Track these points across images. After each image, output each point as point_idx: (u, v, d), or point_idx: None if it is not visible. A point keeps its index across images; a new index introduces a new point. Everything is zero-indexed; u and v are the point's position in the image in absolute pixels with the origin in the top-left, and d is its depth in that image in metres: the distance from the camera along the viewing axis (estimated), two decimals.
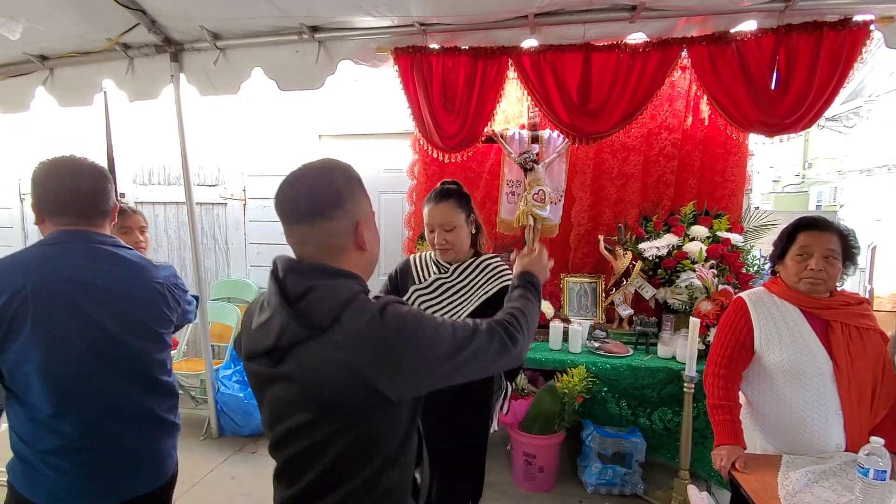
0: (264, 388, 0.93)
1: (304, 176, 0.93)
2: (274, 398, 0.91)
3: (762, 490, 1.37)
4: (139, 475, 1.33)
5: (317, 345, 0.84)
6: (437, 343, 0.86)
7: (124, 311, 1.28)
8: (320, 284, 0.86)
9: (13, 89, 3.07)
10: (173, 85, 2.77)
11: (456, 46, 2.57)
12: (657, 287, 2.85)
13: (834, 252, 1.56)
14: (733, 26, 2.31)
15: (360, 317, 0.84)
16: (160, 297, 1.36)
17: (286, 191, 0.93)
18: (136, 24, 2.55)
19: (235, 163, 3.88)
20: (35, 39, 2.67)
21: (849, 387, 1.52)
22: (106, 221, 1.34)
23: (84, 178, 1.28)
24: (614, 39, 2.44)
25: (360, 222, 0.93)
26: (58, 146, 4.09)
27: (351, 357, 0.82)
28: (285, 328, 0.85)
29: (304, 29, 2.51)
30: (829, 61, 2.22)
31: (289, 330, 0.84)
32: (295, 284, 0.86)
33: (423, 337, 0.86)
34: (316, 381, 0.85)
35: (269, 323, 0.88)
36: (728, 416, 1.64)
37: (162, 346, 1.40)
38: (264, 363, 0.89)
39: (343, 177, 0.94)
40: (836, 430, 1.51)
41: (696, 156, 2.98)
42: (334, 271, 0.90)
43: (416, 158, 3.25)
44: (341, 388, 0.83)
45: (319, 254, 0.91)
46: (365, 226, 0.94)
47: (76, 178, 1.27)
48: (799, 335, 1.59)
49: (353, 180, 0.95)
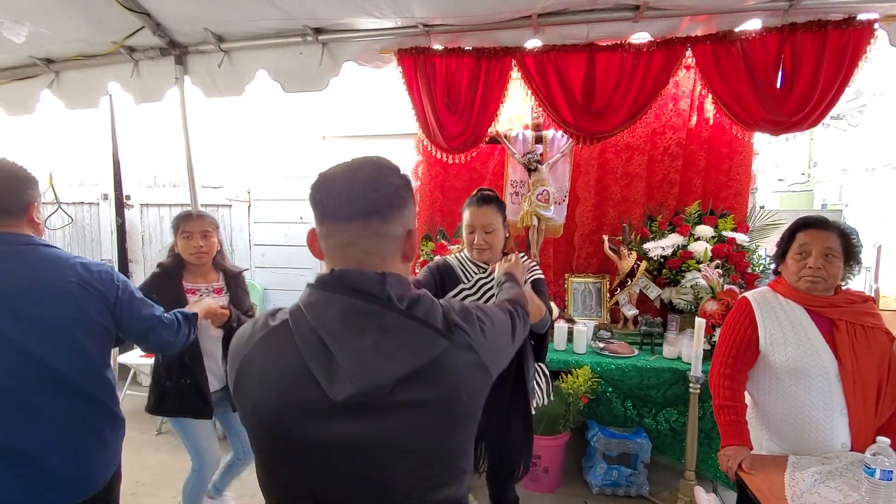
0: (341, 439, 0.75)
1: (357, 170, 0.81)
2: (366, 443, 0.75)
3: (769, 491, 1.37)
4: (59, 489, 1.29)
5: (452, 352, 0.78)
6: (505, 324, 0.97)
7: (27, 315, 1.22)
8: (416, 294, 0.81)
9: (19, 92, 3.09)
10: (178, 87, 2.78)
11: (459, 47, 2.58)
12: (662, 287, 2.85)
13: (833, 250, 1.56)
14: (737, 25, 2.31)
15: (461, 314, 0.84)
16: (77, 299, 1.28)
17: (337, 182, 0.80)
18: (140, 28, 2.56)
19: (240, 165, 3.89)
20: (41, 43, 2.69)
21: (854, 386, 1.51)
22: (12, 221, 1.30)
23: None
24: (618, 39, 2.43)
25: (412, 230, 0.85)
26: (61, 148, 4.13)
27: (479, 354, 0.82)
28: (430, 342, 0.76)
29: (308, 31, 2.52)
30: (833, 60, 2.21)
31: (436, 343, 0.77)
32: (401, 297, 0.77)
33: (500, 321, 0.95)
34: (455, 388, 0.78)
35: (389, 345, 0.74)
36: (734, 416, 1.64)
37: (87, 354, 1.32)
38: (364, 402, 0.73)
39: (399, 178, 0.84)
40: (841, 430, 1.51)
41: (701, 155, 2.97)
42: (408, 282, 0.83)
43: (420, 159, 3.25)
44: (474, 387, 0.81)
45: (365, 259, 0.79)
46: (414, 235, 0.87)
47: None
48: (804, 334, 1.58)
49: (408, 183, 0.86)
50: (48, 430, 1.27)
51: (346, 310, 0.75)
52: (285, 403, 0.76)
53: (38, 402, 1.25)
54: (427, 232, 3.20)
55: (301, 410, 0.75)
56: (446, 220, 3.25)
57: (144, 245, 4.21)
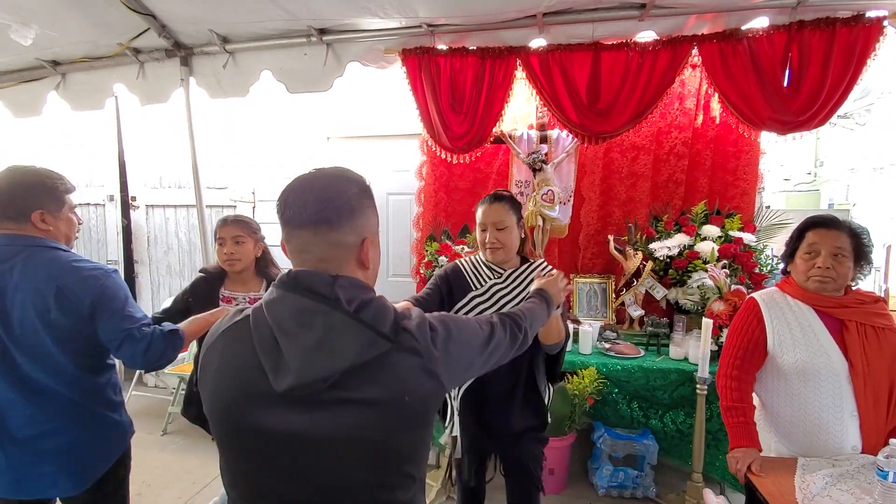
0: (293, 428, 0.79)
1: (315, 180, 0.87)
2: (314, 435, 0.80)
3: (779, 494, 1.35)
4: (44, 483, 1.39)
5: (395, 354, 0.82)
6: (475, 336, 0.98)
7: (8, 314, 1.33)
8: (370, 298, 0.84)
9: (26, 94, 3.11)
10: (183, 89, 2.79)
11: (464, 47, 2.57)
12: (668, 287, 2.83)
13: (842, 250, 1.54)
14: (744, 23, 2.29)
15: (417, 322, 0.87)
16: (52, 302, 1.34)
17: (292, 193, 0.86)
18: (146, 29, 2.57)
19: (244, 166, 3.90)
20: (47, 45, 2.70)
21: (865, 388, 1.49)
22: (14, 225, 1.42)
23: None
24: (623, 38, 2.42)
25: (366, 239, 0.89)
26: (62, 149, 4.14)
27: (428, 358, 0.84)
28: (369, 342, 0.80)
29: (312, 31, 2.52)
30: (842, 58, 2.18)
31: (375, 344, 0.80)
32: (350, 300, 0.81)
33: (467, 332, 0.96)
34: (397, 390, 0.81)
35: (331, 343, 0.79)
36: (742, 418, 1.62)
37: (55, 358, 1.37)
38: (309, 393, 0.78)
39: (356, 188, 0.88)
40: (852, 432, 1.49)
41: (707, 154, 2.95)
42: (367, 287, 0.87)
43: (425, 160, 3.25)
44: (421, 390, 0.84)
45: (319, 265, 0.85)
46: (371, 243, 0.90)
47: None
48: (813, 335, 1.56)
49: (366, 194, 0.90)
50: (20, 428, 1.36)
51: (297, 308, 0.81)
52: (237, 392, 0.82)
53: (12, 400, 1.36)
54: (431, 232, 3.20)
55: (249, 399, 0.81)
56: (451, 221, 3.24)
57: (150, 246, 4.22)
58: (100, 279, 1.41)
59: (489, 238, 1.73)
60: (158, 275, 4.23)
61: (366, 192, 0.90)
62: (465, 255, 2.96)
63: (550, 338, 1.61)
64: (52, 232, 1.47)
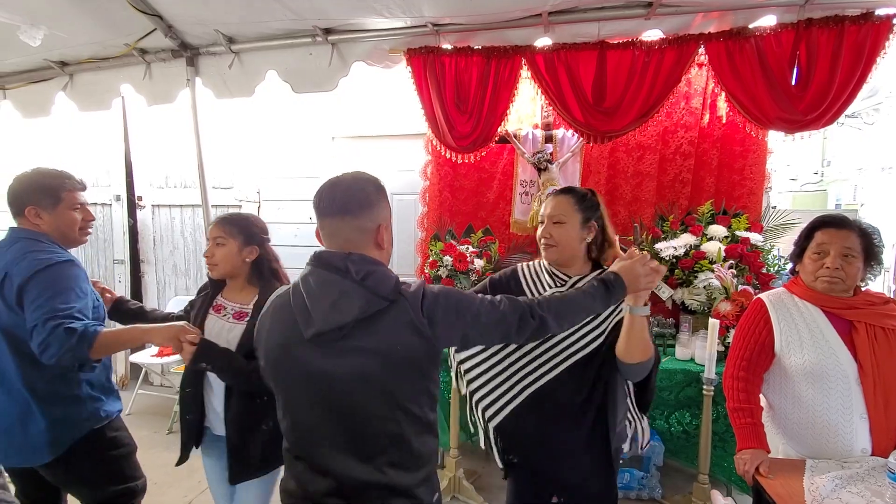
0: (316, 366, 1.06)
1: (342, 180, 1.14)
2: (333, 372, 1.05)
3: (788, 496, 1.34)
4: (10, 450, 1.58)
5: (389, 314, 1.04)
6: (468, 308, 1.09)
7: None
8: (375, 269, 1.07)
9: (35, 95, 3.14)
10: (189, 89, 2.80)
11: (469, 46, 2.57)
12: (674, 288, 2.81)
13: (852, 250, 1.52)
14: (752, 21, 2.27)
15: (414, 289, 1.08)
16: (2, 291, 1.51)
17: (325, 190, 1.12)
18: (152, 30, 2.58)
19: (250, 165, 3.91)
20: (55, 46, 2.72)
21: (875, 390, 1.47)
22: (18, 218, 1.62)
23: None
24: (629, 37, 2.41)
25: (381, 225, 1.13)
26: (70, 149, 4.17)
27: (416, 317, 1.04)
28: (370, 302, 1.03)
29: (318, 31, 2.52)
30: (850, 56, 2.17)
31: (373, 303, 1.04)
32: (357, 270, 1.05)
33: (460, 303, 1.10)
34: (391, 341, 1.04)
35: (340, 303, 1.03)
36: (749, 419, 1.61)
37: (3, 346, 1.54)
38: (326, 340, 1.05)
39: (372, 186, 1.14)
40: (861, 435, 1.47)
41: (714, 154, 2.93)
42: (376, 261, 1.10)
43: (429, 159, 3.25)
44: (411, 343, 1.04)
45: (346, 246, 1.09)
46: (385, 229, 1.14)
47: None
48: (821, 336, 1.55)
49: (381, 191, 1.15)
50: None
51: (321, 279, 1.08)
52: (282, 340, 1.11)
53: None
54: (436, 232, 3.20)
55: (289, 343, 1.09)
56: (455, 220, 3.24)
57: (156, 246, 4.24)
58: (37, 267, 1.47)
59: (542, 232, 1.52)
60: (164, 274, 4.26)
61: (380, 189, 1.15)
62: (470, 254, 2.97)
63: (631, 353, 1.31)
64: (42, 227, 1.61)
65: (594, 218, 1.53)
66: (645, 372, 1.38)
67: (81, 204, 1.69)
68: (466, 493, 2.63)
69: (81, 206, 1.69)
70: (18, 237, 1.59)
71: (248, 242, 1.67)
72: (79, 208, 1.68)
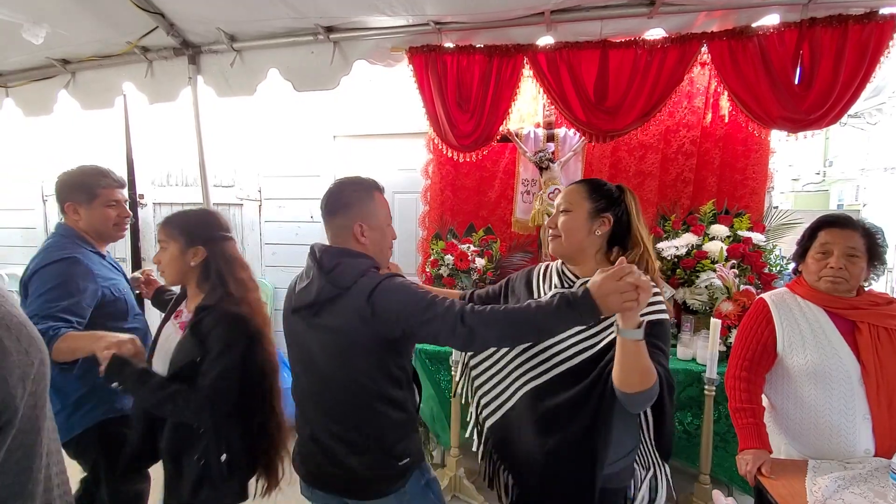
0: (303, 335, 1.32)
1: (333, 185, 1.38)
2: (311, 343, 1.29)
3: (790, 496, 1.33)
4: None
5: (342, 299, 1.23)
6: (410, 302, 1.20)
7: None
8: (344, 261, 1.27)
9: (37, 93, 3.14)
10: (191, 87, 2.80)
11: (471, 45, 2.56)
12: (676, 287, 2.80)
13: (855, 250, 1.51)
14: (755, 20, 2.26)
15: (367, 280, 1.23)
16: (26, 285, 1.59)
17: (325, 194, 1.37)
18: (154, 28, 2.58)
19: (251, 164, 3.91)
20: (58, 44, 2.72)
21: (878, 390, 1.47)
22: (62, 215, 1.73)
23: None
24: (632, 36, 2.40)
25: (357, 223, 1.32)
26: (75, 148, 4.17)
27: (361, 305, 1.20)
28: (323, 288, 1.24)
29: (320, 29, 2.52)
30: (854, 55, 2.16)
31: (325, 290, 1.24)
32: (328, 261, 1.27)
33: (406, 296, 1.21)
34: (343, 322, 1.23)
35: (310, 286, 1.28)
36: (752, 419, 1.60)
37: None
38: (305, 315, 1.29)
39: (352, 189, 1.35)
40: (864, 435, 1.47)
41: (716, 153, 2.92)
42: (354, 253, 1.31)
43: (431, 158, 3.24)
44: (357, 327, 1.22)
45: (335, 240, 1.35)
46: (366, 227, 1.33)
47: None
48: (824, 337, 1.54)
49: (363, 191, 1.35)
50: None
51: (307, 265, 1.34)
52: (285, 311, 1.39)
53: None
54: (437, 231, 3.19)
55: (287, 314, 1.37)
56: (456, 219, 3.23)
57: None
58: (39, 264, 1.53)
59: (549, 222, 1.39)
60: None
61: (363, 190, 1.35)
62: (472, 253, 2.96)
63: (626, 381, 1.10)
64: (80, 223, 1.72)
65: (610, 211, 1.35)
66: (646, 403, 1.14)
67: (117, 200, 1.77)
68: (467, 492, 2.63)
69: (117, 203, 1.77)
70: (54, 233, 1.71)
71: (192, 243, 1.48)
72: (114, 205, 1.76)
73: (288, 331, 1.37)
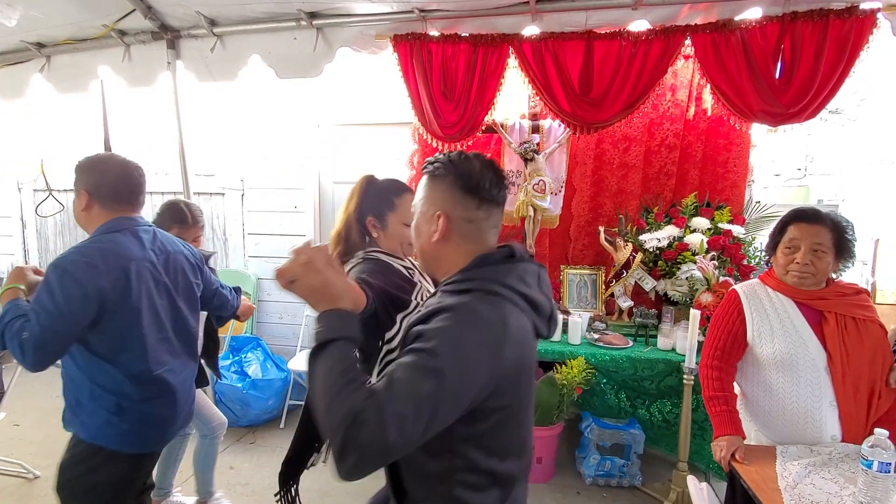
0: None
1: None
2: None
3: (762, 481, 1.36)
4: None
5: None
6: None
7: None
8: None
9: (10, 77, 3.04)
10: (170, 72, 2.74)
11: (456, 34, 2.54)
12: (657, 279, 2.84)
13: (822, 245, 1.54)
14: (738, 14, 2.27)
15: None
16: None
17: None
18: (131, 11, 2.51)
19: (233, 152, 3.84)
20: (32, 27, 2.64)
21: (844, 378, 1.50)
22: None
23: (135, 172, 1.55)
24: (617, 27, 2.40)
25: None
26: (53, 134, 4.07)
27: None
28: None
29: (302, 15, 2.47)
30: (834, 50, 2.18)
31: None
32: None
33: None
34: None
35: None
36: (725, 406, 1.64)
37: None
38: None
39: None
40: (831, 422, 1.51)
41: (699, 146, 2.95)
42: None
43: (416, 148, 3.22)
44: None
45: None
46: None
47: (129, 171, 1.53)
48: (792, 327, 1.58)
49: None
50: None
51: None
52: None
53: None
54: None
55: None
56: None
57: None
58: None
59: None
60: None
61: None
62: None
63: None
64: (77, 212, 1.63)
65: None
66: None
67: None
68: None
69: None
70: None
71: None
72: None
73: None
